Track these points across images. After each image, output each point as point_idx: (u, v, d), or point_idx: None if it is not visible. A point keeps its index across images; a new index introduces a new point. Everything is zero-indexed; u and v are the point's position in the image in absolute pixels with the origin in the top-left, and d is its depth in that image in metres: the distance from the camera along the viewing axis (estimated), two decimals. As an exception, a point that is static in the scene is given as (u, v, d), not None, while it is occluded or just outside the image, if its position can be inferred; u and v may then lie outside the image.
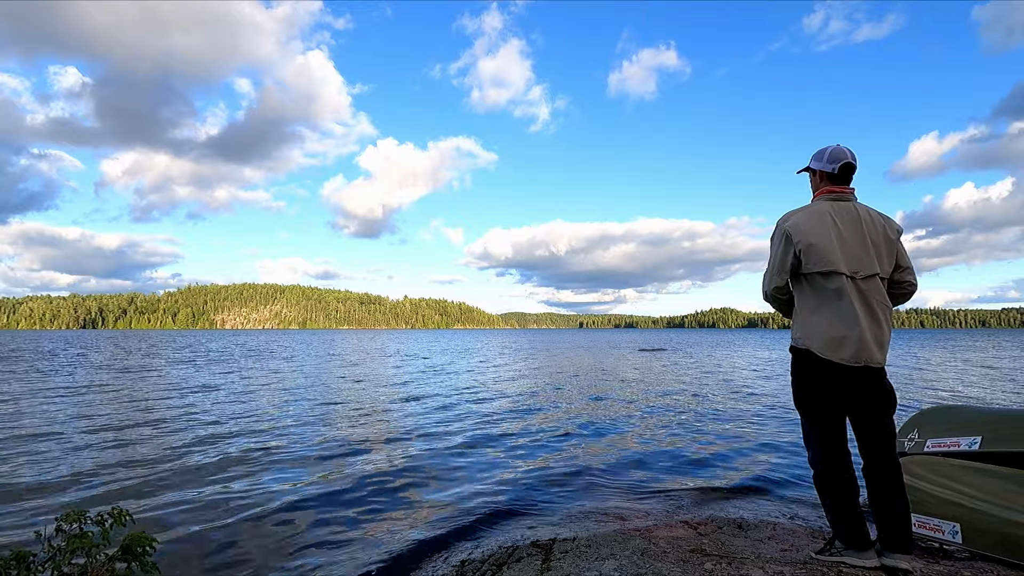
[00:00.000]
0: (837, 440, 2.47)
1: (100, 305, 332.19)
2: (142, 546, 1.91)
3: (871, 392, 2.41)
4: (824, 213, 2.47)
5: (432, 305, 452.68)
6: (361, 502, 4.26)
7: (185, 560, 3.18)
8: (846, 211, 2.48)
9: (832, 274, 2.39)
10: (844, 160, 2.52)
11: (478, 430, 7.31)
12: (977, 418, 3.34)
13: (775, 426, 7.61)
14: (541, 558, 2.90)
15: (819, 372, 2.42)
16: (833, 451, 2.47)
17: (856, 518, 2.43)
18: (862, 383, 2.39)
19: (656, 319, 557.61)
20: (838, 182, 2.55)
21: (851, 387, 2.39)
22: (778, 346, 42.57)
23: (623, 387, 12.89)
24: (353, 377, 15.29)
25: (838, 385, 2.40)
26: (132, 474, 4.99)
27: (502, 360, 24.13)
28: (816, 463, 2.53)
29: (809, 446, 2.57)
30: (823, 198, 2.55)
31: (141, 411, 8.83)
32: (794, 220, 2.49)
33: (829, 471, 2.47)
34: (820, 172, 2.59)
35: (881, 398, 2.42)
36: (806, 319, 2.47)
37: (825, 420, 2.48)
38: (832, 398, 2.44)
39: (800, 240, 2.42)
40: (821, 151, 2.60)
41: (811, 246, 2.41)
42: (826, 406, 2.47)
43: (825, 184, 2.58)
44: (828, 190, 2.55)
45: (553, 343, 51.45)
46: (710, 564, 2.54)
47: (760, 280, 2.74)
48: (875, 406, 2.42)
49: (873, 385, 2.40)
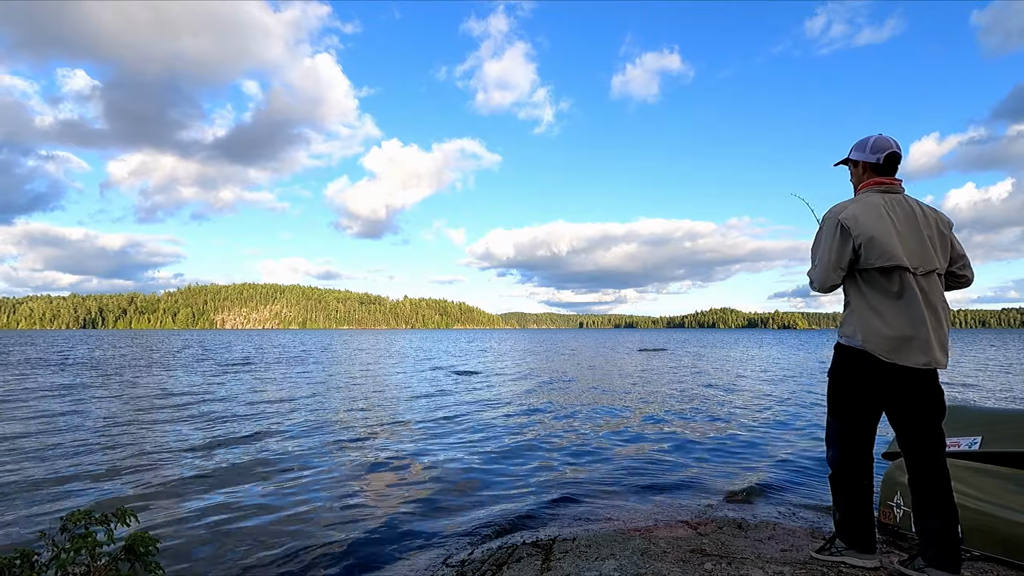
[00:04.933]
0: (867, 442, 2.40)
1: (100, 305, 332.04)
2: (145, 546, 1.91)
3: (927, 396, 2.27)
4: (878, 205, 2.29)
5: (432, 305, 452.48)
6: (361, 502, 4.27)
7: (188, 560, 3.19)
8: (898, 203, 2.32)
9: (895, 270, 2.22)
10: (890, 149, 2.36)
11: (478, 430, 7.31)
12: (977, 418, 3.34)
13: (776, 426, 7.62)
14: (541, 558, 2.91)
15: (873, 374, 2.27)
16: (861, 453, 2.39)
17: (868, 521, 2.39)
18: (920, 386, 2.25)
19: (656, 319, 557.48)
20: (884, 173, 2.38)
21: (907, 390, 2.25)
22: (778, 346, 42.57)
23: (623, 387, 12.89)
24: (365, 378, 15.29)
25: (892, 388, 2.26)
26: (136, 474, 5.00)
27: (503, 361, 24.12)
28: (838, 463, 2.44)
29: (832, 446, 2.47)
30: (872, 190, 2.37)
31: (145, 412, 8.84)
32: (850, 212, 2.28)
33: (852, 473, 2.40)
34: (863, 163, 2.42)
35: (937, 402, 2.29)
36: (864, 318, 2.28)
37: (860, 422, 2.38)
38: (879, 401, 2.32)
39: (860, 233, 2.23)
40: (863, 141, 2.44)
41: (872, 239, 2.22)
42: (867, 409, 2.35)
43: (870, 175, 2.40)
44: (876, 181, 2.37)
45: (553, 343, 51.42)
46: (710, 564, 2.54)
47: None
48: (930, 411, 2.28)
49: (930, 388, 2.27)
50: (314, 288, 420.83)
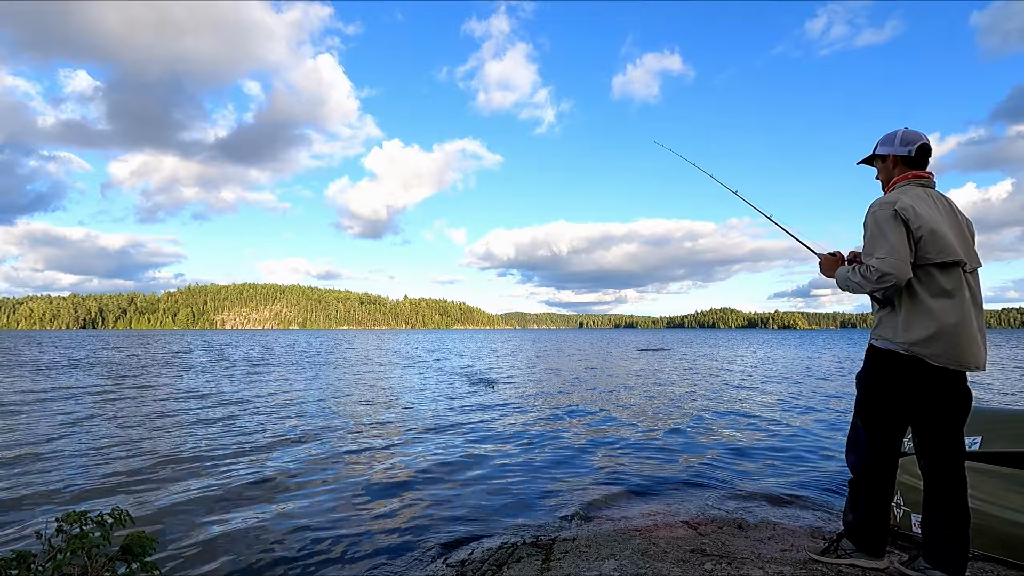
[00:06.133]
0: (895, 450, 2.31)
1: (100, 305, 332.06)
2: (142, 546, 1.91)
3: (962, 398, 2.18)
4: (927, 198, 2.17)
5: (432, 305, 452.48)
6: (361, 502, 4.26)
7: (185, 560, 3.18)
8: (937, 198, 2.20)
9: (951, 266, 2.09)
10: (921, 141, 2.24)
11: (478, 431, 7.31)
12: (977, 418, 3.32)
13: (776, 427, 7.61)
14: (541, 558, 2.90)
15: (916, 380, 2.14)
16: (888, 461, 2.31)
17: (884, 527, 2.35)
18: (957, 389, 2.16)
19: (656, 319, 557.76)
20: (917, 166, 2.26)
21: (945, 394, 2.15)
22: (777, 346, 42.57)
23: (622, 387, 12.88)
24: (370, 379, 15.28)
25: (932, 393, 2.15)
26: (132, 475, 4.99)
27: (503, 361, 24.11)
28: (862, 470, 2.35)
29: (857, 451, 2.38)
30: (909, 183, 2.23)
31: (142, 413, 8.83)
32: (905, 202, 2.12)
33: (877, 480, 2.32)
34: (894, 157, 2.30)
35: (968, 404, 2.20)
36: (913, 319, 2.12)
37: (892, 430, 2.28)
38: (914, 406, 2.20)
39: (921, 225, 2.07)
40: (890, 135, 2.33)
41: (933, 232, 2.07)
42: (901, 415, 2.25)
43: (902, 170, 2.29)
44: (913, 175, 2.25)
45: (554, 344, 51.42)
46: (710, 564, 2.54)
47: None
48: (959, 413, 2.19)
49: (964, 390, 2.19)
50: (314, 288, 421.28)
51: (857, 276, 2.21)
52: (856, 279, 2.22)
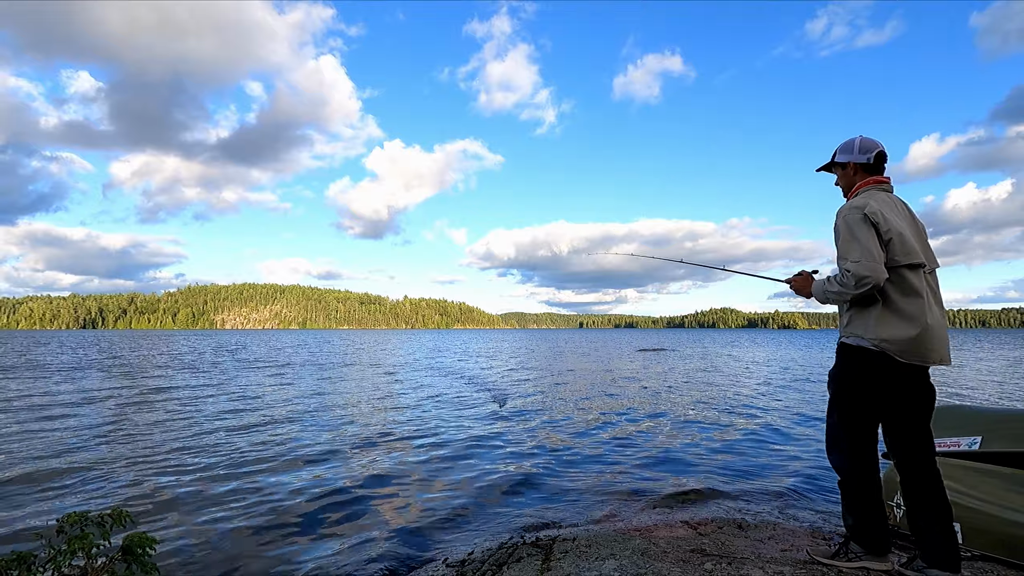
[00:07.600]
0: (873, 445, 2.39)
1: (100, 305, 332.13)
2: (142, 546, 1.91)
3: (927, 393, 2.28)
4: (889, 203, 2.28)
5: (432, 305, 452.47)
6: (361, 502, 4.26)
7: (185, 560, 3.18)
8: (898, 202, 2.33)
9: (917, 268, 2.21)
10: (877, 148, 2.37)
11: (478, 431, 7.31)
12: (977, 418, 3.34)
13: (776, 427, 7.61)
14: (541, 558, 2.90)
15: (886, 376, 2.24)
16: (869, 457, 2.38)
17: (882, 523, 2.37)
18: (921, 384, 2.27)
19: (656, 319, 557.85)
20: (876, 172, 2.39)
21: (911, 390, 2.25)
22: (777, 346, 42.56)
23: (621, 387, 12.88)
24: (372, 379, 15.28)
25: (899, 389, 2.25)
26: (132, 475, 4.99)
27: (503, 362, 24.12)
28: (848, 469, 2.40)
29: (839, 451, 2.42)
30: (872, 189, 2.35)
31: (142, 412, 8.84)
32: (875, 206, 2.22)
33: (863, 477, 2.38)
34: (854, 164, 2.42)
35: (932, 399, 2.30)
36: (882, 318, 2.22)
37: (868, 426, 2.36)
38: (884, 403, 2.30)
39: (889, 229, 2.18)
40: (848, 143, 2.44)
41: (902, 235, 2.19)
42: (874, 412, 2.33)
43: (862, 176, 2.41)
44: (874, 180, 2.37)
45: (554, 344, 51.42)
46: (710, 564, 2.54)
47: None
48: (926, 407, 2.29)
49: (928, 386, 2.29)
50: (314, 288, 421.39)
51: (835, 285, 2.27)
52: (834, 288, 2.28)
